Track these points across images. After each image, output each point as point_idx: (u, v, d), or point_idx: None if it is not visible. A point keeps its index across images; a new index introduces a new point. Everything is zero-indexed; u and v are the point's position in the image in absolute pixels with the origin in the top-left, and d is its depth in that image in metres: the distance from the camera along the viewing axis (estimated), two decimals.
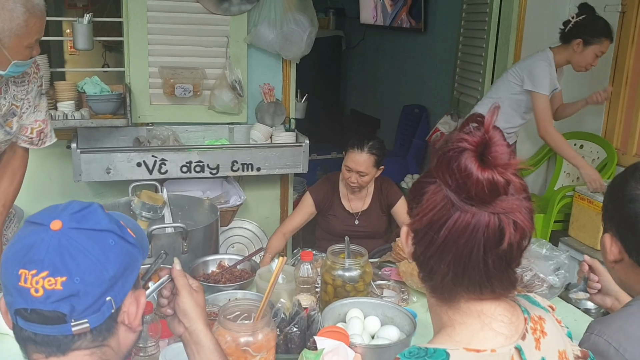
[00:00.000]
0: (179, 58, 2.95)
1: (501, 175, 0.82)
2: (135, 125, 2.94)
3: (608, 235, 1.24)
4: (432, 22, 4.81)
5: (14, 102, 1.86)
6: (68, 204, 0.93)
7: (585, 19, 2.91)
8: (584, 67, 2.96)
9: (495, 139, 0.84)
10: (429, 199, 0.87)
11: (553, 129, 3.00)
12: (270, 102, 3.14)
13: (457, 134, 0.86)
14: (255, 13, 2.99)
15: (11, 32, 1.65)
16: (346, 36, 6.26)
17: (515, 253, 0.86)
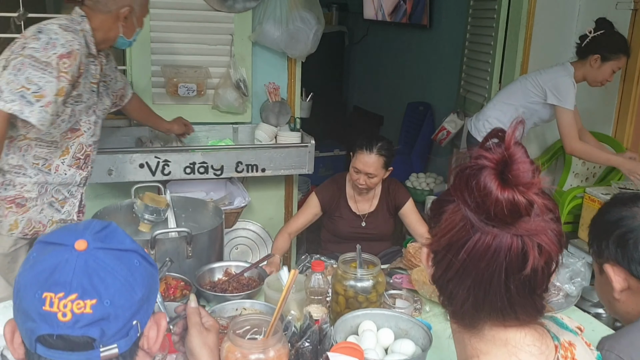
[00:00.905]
0: (182, 56, 2.88)
1: (522, 195, 0.76)
2: (137, 125, 2.88)
3: (608, 266, 1.23)
4: (438, 18, 4.74)
5: (105, 80, 2.22)
6: (88, 223, 0.89)
7: (603, 34, 2.85)
8: (600, 82, 2.92)
9: (516, 155, 0.78)
10: (448, 219, 0.82)
11: (579, 144, 2.96)
12: (276, 102, 3.08)
13: (476, 150, 0.81)
14: (260, 10, 2.92)
15: (140, 4, 2.05)
16: (349, 32, 6.19)
17: (540, 278, 0.80)
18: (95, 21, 2.00)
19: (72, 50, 1.87)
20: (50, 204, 2.11)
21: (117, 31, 2.04)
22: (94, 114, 2.13)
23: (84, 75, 1.99)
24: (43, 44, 1.85)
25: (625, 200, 1.27)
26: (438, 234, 0.84)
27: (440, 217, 0.84)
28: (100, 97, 2.16)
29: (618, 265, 1.22)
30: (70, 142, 2.09)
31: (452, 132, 4.06)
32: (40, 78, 1.84)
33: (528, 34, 3.46)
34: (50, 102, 1.86)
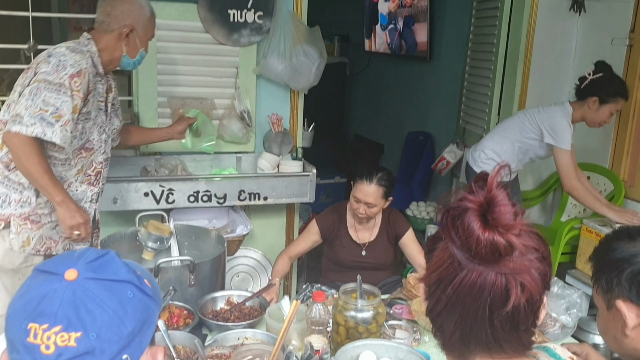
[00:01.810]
0: (188, 88, 2.95)
1: (502, 237, 0.82)
2: (143, 155, 2.93)
3: (621, 303, 1.22)
4: (438, 51, 4.83)
5: (113, 102, 2.29)
6: (84, 251, 0.87)
7: (602, 77, 2.92)
8: (598, 123, 2.98)
9: (498, 198, 0.83)
10: (438, 255, 0.87)
11: (578, 184, 3.01)
12: (278, 132, 3.14)
13: (461, 193, 0.86)
14: (264, 45, 3.00)
15: (143, 24, 2.15)
16: (351, 62, 6.30)
17: (523, 315, 0.84)
18: (101, 43, 2.12)
19: (81, 70, 1.98)
20: None
21: (121, 50, 2.13)
22: (104, 132, 2.22)
23: (93, 94, 2.09)
24: (54, 67, 1.95)
25: (632, 234, 1.27)
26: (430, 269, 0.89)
27: (432, 254, 0.89)
28: (109, 117, 2.25)
29: (631, 302, 1.21)
30: (85, 161, 2.19)
31: (452, 162, 4.12)
32: (56, 99, 1.93)
33: (526, 68, 3.54)
34: (68, 121, 1.96)
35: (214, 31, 2.91)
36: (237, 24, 2.93)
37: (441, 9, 4.76)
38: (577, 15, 3.54)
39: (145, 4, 2.16)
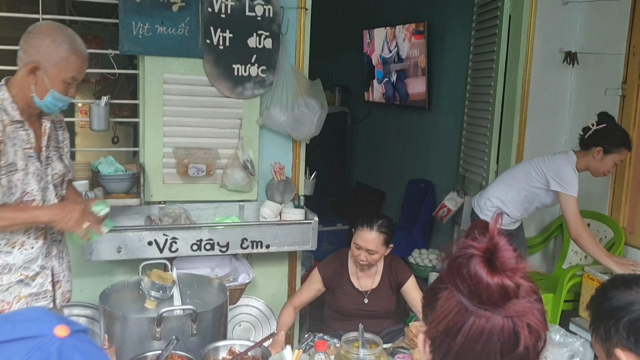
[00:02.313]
0: (193, 139, 3.02)
1: (510, 280, 0.85)
2: (148, 204, 2.98)
3: (620, 351, 1.23)
4: (436, 101, 4.94)
5: (58, 145, 2.18)
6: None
7: (606, 128, 2.99)
8: (603, 173, 3.04)
9: (501, 244, 0.87)
10: (443, 305, 0.89)
11: (586, 232, 3.04)
12: (281, 181, 3.19)
13: (464, 241, 0.89)
14: (267, 97, 3.09)
15: (54, 62, 1.91)
16: (351, 112, 6.42)
17: (532, 356, 0.87)
18: (15, 87, 1.96)
19: None
20: (19, 281, 2.03)
21: (30, 89, 1.94)
22: (41, 180, 2.04)
23: (12, 143, 1.94)
24: None
25: (628, 283, 1.29)
26: (435, 321, 0.90)
27: (435, 304, 0.90)
28: (45, 163, 2.06)
29: (630, 351, 1.22)
30: None
31: (453, 210, 4.15)
32: None
33: (523, 118, 3.63)
34: None
35: (219, 85, 3.01)
36: (241, 77, 3.02)
37: (439, 61, 4.89)
38: (571, 67, 3.65)
39: (63, 42, 1.92)
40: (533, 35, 3.57)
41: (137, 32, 2.79)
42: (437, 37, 4.89)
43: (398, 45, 5.30)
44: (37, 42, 1.91)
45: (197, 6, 2.87)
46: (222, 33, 2.95)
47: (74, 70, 1.95)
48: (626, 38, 3.36)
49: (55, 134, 2.14)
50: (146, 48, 2.84)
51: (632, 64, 3.33)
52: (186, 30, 2.87)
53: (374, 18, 5.75)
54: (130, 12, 2.77)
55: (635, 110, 3.32)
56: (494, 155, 3.77)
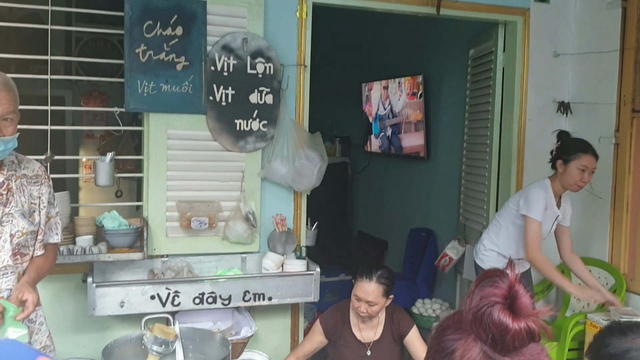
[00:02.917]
0: (196, 192, 3.08)
1: (534, 323, 0.89)
2: (151, 258, 3.01)
3: None
4: (435, 151, 5.03)
5: (32, 201, 2.03)
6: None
7: (562, 142, 3.12)
8: (574, 184, 3.06)
9: (520, 291, 0.91)
10: (463, 355, 0.91)
11: (540, 256, 3.05)
12: (282, 232, 3.22)
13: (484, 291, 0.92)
14: (269, 150, 3.17)
15: None
16: (352, 162, 6.51)
17: None
18: None
19: None
20: None
21: None
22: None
23: None
24: None
25: (624, 330, 1.32)
26: None
27: (452, 356, 0.93)
28: (7, 219, 1.95)
29: None
30: None
31: (455, 259, 4.17)
32: None
33: (519, 166, 3.69)
34: None
35: (221, 139, 3.09)
36: (243, 132, 3.11)
37: (436, 112, 5.00)
38: (565, 117, 3.74)
39: None
40: (526, 87, 3.68)
41: (142, 90, 2.89)
42: (433, 89, 5.02)
43: (391, 104, 5.48)
44: None
45: (201, 65, 2.98)
46: (224, 90, 3.06)
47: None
48: (616, 88, 3.46)
49: (30, 190, 2.02)
50: (151, 106, 2.93)
51: (624, 113, 3.41)
52: (190, 87, 2.97)
53: (372, 71, 5.91)
54: (136, 71, 2.88)
55: (629, 157, 3.39)
56: (493, 203, 3.81)
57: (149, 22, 2.88)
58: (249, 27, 3.09)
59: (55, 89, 2.95)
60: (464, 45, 4.25)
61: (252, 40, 3.08)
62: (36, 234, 2.04)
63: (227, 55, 3.04)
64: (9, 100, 1.85)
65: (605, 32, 3.53)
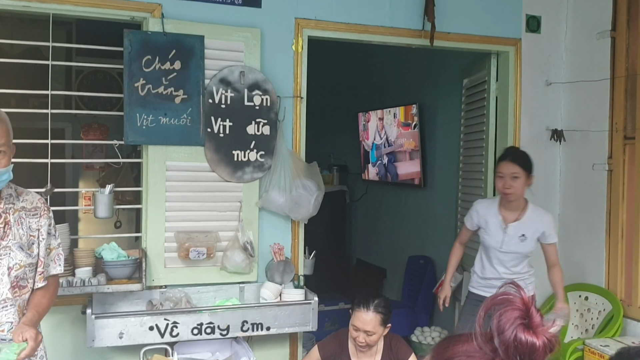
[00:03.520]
0: (195, 223, 3.11)
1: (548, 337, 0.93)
2: (150, 289, 3.03)
3: None
4: (431, 178, 5.07)
5: (30, 233, 2.04)
6: None
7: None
8: (500, 191, 3.16)
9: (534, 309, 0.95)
10: None
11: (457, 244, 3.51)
12: (280, 261, 3.25)
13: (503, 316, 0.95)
14: (266, 180, 3.21)
15: None
16: (350, 190, 6.55)
17: None
18: None
19: None
20: None
21: None
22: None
23: None
24: None
25: (632, 356, 1.32)
26: None
27: None
28: (5, 251, 1.97)
29: None
30: None
31: (453, 286, 4.17)
32: None
33: None
34: None
35: (219, 170, 3.13)
36: (240, 162, 3.15)
37: (432, 140, 5.07)
38: (558, 144, 3.79)
39: None
40: (519, 115, 3.74)
41: (141, 123, 2.95)
42: (429, 118, 5.09)
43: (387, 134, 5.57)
44: None
45: (199, 98, 3.04)
46: (222, 122, 3.11)
47: None
48: (608, 116, 3.52)
49: (29, 222, 2.03)
50: (150, 138, 2.98)
51: (616, 140, 3.47)
52: (188, 120, 3.03)
53: (369, 101, 6.00)
54: (135, 105, 2.94)
55: (623, 183, 3.43)
56: None
57: (148, 57, 2.95)
58: (246, 60, 3.16)
59: (56, 122, 3.00)
60: (458, 75, 4.32)
61: (249, 73, 3.15)
62: (35, 266, 2.04)
63: (225, 88, 3.11)
64: (1, 133, 1.88)
65: (595, 61, 3.61)
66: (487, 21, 3.67)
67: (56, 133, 3.06)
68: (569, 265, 3.74)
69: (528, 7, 3.77)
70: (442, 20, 3.50)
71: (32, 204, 2.08)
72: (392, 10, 3.46)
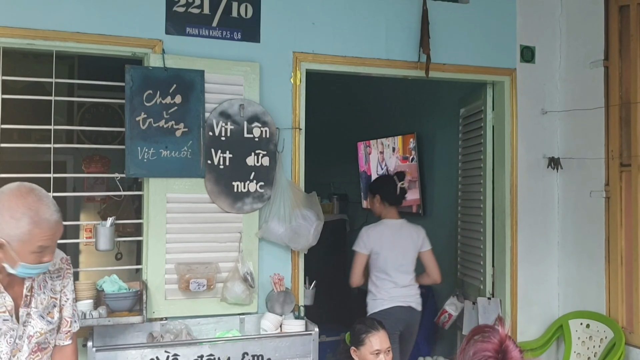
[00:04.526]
0: (195, 254, 3.12)
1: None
2: (150, 321, 3.03)
3: None
4: (430, 207, 5.09)
5: (52, 295, 2.05)
6: None
7: None
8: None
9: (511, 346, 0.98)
10: None
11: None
12: (280, 292, 3.25)
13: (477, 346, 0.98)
14: (266, 210, 3.23)
15: (17, 238, 1.82)
16: (350, 219, 6.55)
17: None
18: None
19: None
20: None
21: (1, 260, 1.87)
22: (14, 342, 1.95)
23: None
24: None
25: None
26: None
27: None
28: (23, 325, 1.97)
29: None
30: None
31: (454, 315, 4.16)
32: None
33: (513, 221, 3.75)
34: None
35: (219, 201, 3.16)
36: (240, 193, 3.18)
37: (430, 169, 5.11)
38: (556, 172, 3.82)
39: (22, 216, 1.81)
40: (516, 143, 3.78)
41: (142, 156, 2.98)
42: (427, 147, 5.14)
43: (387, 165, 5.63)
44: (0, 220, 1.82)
45: (199, 131, 3.09)
46: (222, 154, 3.15)
47: (40, 241, 1.84)
48: (604, 143, 3.56)
49: (52, 285, 2.05)
50: (151, 171, 3.02)
51: (612, 167, 3.50)
52: (188, 152, 3.07)
53: (368, 131, 6.06)
54: (136, 138, 2.98)
55: (620, 210, 3.45)
56: (489, 259, 3.85)
57: (149, 92, 3.00)
58: (245, 93, 3.21)
59: (58, 154, 3.04)
60: (455, 104, 4.38)
61: (248, 106, 3.20)
62: (55, 330, 2.07)
63: (225, 121, 3.16)
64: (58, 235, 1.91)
65: (589, 89, 3.66)
66: (482, 52, 3.74)
67: (58, 165, 3.09)
68: (570, 292, 3.75)
69: (522, 37, 3.84)
70: (438, 52, 3.57)
71: (55, 265, 2.07)
72: (388, 43, 3.53)
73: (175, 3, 3.13)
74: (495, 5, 3.78)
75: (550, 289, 3.81)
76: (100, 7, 3.01)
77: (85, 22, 2.98)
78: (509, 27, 3.81)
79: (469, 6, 3.73)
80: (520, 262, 3.75)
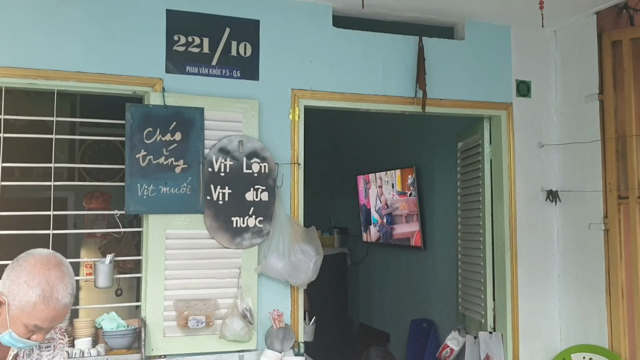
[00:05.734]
0: (194, 290, 3.11)
1: None
2: (149, 359, 3.00)
3: None
4: (431, 240, 5.09)
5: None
6: None
7: None
8: None
9: None
10: None
11: None
12: (280, 328, 3.23)
13: None
14: (265, 246, 3.24)
15: (19, 304, 1.73)
16: (350, 252, 6.55)
17: None
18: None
19: None
20: None
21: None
22: None
23: None
24: None
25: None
26: None
27: None
28: None
29: None
30: None
31: (455, 350, 4.11)
32: None
33: (513, 255, 3.74)
34: None
35: (218, 237, 3.17)
36: (239, 229, 3.19)
37: (429, 202, 5.12)
38: (554, 205, 3.83)
39: (37, 286, 1.73)
40: (514, 177, 3.80)
41: (142, 193, 3.01)
42: (426, 180, 5.16)
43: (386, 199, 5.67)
44: (14, 275, 1.76)
45: (199, 167, 3.12)
46: (221, 189, 3.17)
47: (39, 319, 1.75)
48: (601, 176, 3.57)
49: (39, 356, 1.96)
50: (150, 207, 3.04)
51: (610, 199, 3.51)
52: (188, 189, 3.09)
53: (367, 165, 6.10)
54: (136, 175, 3.01)
55: (620, 243, 3.45)
56: (490, 292, 3.83)
57: (149, 129, 3.04)
58: (245, 130, 3.25)
59: (58, 191, 3.06)
60: (453, 138, 4.42)
61: (247, 142, 3.24)
62: None
63: (224, 157, 3.19)
64: (60, 321, 1.85)
65: (585, 123, 3.70)
66: (478, 87, 3.79)
67: (59, 201, 3.12)
68: (572, 326, 3.72)
69: (517, 72, 3.90)
70: (434, 87, 3.62)
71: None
72: (384, 79, 3.58)
73: (175, 42, 3.20)
74: (490, 41, 3.84)
75: (552, 322, 3.78)
76: (101, 46, 3.08)
77: (86, 61, 3.04)
78: (504, 62, 3.87)
79: (465, 42, 3.79)
80: (521, 296, 3.73)
